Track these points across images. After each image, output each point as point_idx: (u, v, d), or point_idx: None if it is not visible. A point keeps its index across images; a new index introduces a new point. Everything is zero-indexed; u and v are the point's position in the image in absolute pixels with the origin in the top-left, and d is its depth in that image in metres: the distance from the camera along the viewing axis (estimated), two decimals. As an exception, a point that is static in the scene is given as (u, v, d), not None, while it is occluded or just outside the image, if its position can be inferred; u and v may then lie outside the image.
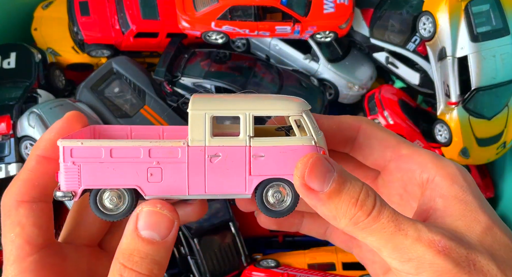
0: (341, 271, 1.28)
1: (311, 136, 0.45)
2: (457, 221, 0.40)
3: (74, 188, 0.44)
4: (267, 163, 0.44)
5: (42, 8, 1.57)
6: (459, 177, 0.42)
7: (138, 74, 1.46)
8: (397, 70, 1.50)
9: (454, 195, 0.41)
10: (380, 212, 0.39)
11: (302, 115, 0.45)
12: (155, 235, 0.41)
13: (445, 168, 0.43)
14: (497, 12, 1.23)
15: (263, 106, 0.45)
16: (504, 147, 1.35)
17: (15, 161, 1.25)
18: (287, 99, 0.46)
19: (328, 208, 0.40)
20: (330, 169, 0.40)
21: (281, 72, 1.47)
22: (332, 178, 0.40)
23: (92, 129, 0.52)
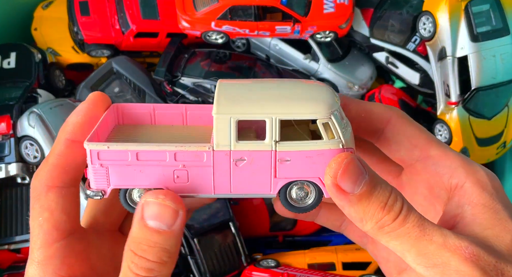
0: (341, 271, 1.28)
1: (339, 139, 0.43)
2: (486, 230, 0.39)
3: (103, 187, 0.45)
4: (293, 167, 0.44)
5: (42, 8, 1.57)
6: (489, 185, 0.41)
7: (138, 74, 1.46)
8: (397, 70, 1.50)
9: (484, 203, 0.40)
10: (406, 217, 0.38)
11: (331, 118, 0.43)
12: (161, 225, 0.41)
13: (475, 174, 0.42)
14: (497, 12, 1.23)
15: (290, 110, 0.43)
16: (504, 147, 1.35)
17: (15, 161, 1.25)
18: (316, 98, 0.44)
19: (356, 210, 0.40)
20: (362, 171, 0.40)
21: (281, 72, 1.47)
22: (364, 180, 0.39)
23: (115, 108, 0.52)
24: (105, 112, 0.49)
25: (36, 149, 1.25)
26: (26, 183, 1.28)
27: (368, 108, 0.47)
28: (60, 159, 0.46)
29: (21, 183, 1.28)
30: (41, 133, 1.24)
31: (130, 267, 0.41)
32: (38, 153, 1.25)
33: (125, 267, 0.41)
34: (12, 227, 1.27)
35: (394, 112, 0.47)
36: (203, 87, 1.43)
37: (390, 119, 0.47)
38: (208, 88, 1.42)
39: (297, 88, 0.46)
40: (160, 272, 0.41)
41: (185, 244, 1.30)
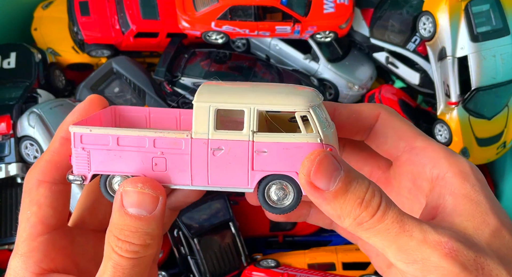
0: (341, 271, 1.28)
1: (317, 133, 0.43)
2: (466, 221, 0.39)
3: (84, 172, 0.46)
4: (270, 159, 0.44)
5: (42, 8, 1.57)
6: (471, 176, 0.41)
7: (138, 74, 1.46)
8: (397, 70, 1.50)
9: (465, 194, 0.40)
10: (385, 212, 0.38)
11: (309, 111, 0.43)
12: (141, 211, 0.41)
13: (457, 165, 0.42)
14: (497, 12, 1.23)
15: (269, 101, 0.43)
16: (504, 147, 1.35)
17: (15, 161, 1.25)
18: (296, 93, 0.44)
19: (333, 207, 0.39)
20: (337, 167, 0.39)
21: (281, 72, 1.47)
22: (339, 177, 0.39)
23: (112, 109, 0.53)
24: (100, 110, 0.50)
25: (36, 149, 1.25)
26: (26, 183, 1.28)
27: (357, 109, 0.48)
28: (54, 156, 0.47)
29: (21, 183, 1.28)
30: (41, 133, 1.24)
31: (115, 250, 0.42)
32: (38, 153, 1.24)
33: (109, 251, 0.42)
34: (12, 227, 1.27)
35: (383, 109, 0.48)
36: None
37: (379, 115, 0.47)
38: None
39: (281, 86, 0.47)
40: (144, 253, 0.42)
41: (185, 244, 1.30)
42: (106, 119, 0.52)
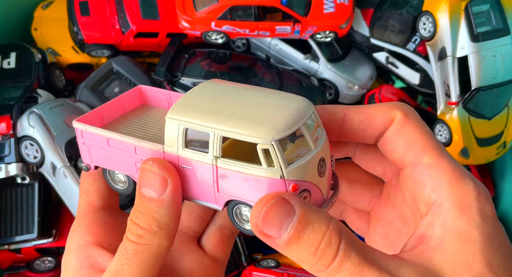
0: (341, 271, 1.28)
1: (279, 168, 0.40)
2: (446, 262, 0.35)
3: (88, 162, 0.51)
4: (232, 185, 0.42)
5: (42, 8, 1.57)
6: (473, 208, 0.37)
7: (138, 74, 1.46)
8: (397, 70, 1.50)
9: (456, 230, 0.36)
10: (341, 263, 0.35)
11: (272, 145, 0.39)
12: (151, 192, 0.42)
13: (460, 194, 0.37)
14: (497, 12, 1.23)
15: (233, 128, 0.41)
16: (504, 147, 1.35)
17: (15, 161, 1.24)
18: (264, 123, 0.41)
19: (287, 254, 0.37)
20: (289, 213, 0.36)
21: (281, 72, 1.47)
22: (291, 224, 0.36)
23: (139, 89, 0.56)
24: (124, 94, 0.55)
25: (36, 149, 1.25)
26: (26, 183, 1.28)
27: (371, 113, 0.43)
28: None
29: (21, 183, 1.28)
30: (41, 133, 1.24)
31: (126, 233, 0.43)
32: (38, 153, 1.24)
33: (125, 234, 0.44)
34: (12, 227, 1.27)
35: (399, 111, 0.43)
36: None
37: (394, 119, 0.43)
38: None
39: (263, 104, 0.43)
40: (150, 241, 0.41)
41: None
42: (133, 98, 0.56)
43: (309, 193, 0.41)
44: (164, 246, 0.42)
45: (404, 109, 0.43)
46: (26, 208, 1.28)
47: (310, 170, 0.41)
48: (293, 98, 0.44)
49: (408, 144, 0.42)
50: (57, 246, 1.35)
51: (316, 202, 0.42)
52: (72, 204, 1.25)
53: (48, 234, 1.30)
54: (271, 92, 0.46)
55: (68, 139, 1.25)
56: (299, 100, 0.44)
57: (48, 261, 1.34)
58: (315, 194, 0.42)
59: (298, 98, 0.44)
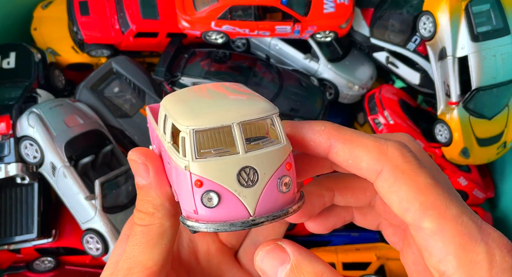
0: (341, 271, 1.28)
1: (188, 159, 0.38)
2: None
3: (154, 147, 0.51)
4: (170, 172, 0.43)
5: (41, 8, 1.57)
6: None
7: (138, 74, 1.46)
8: (397, 70, 1.50)
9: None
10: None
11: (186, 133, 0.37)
12: (140, 179, 0.45)
13: (470, 267, 0.33)
14: (497, 12, 1.23)
15: (174, 115, 0.40)
16: (504, 147, 1.35)
17: (15, 161, 1.24)
18: (195, 112, 0.39)
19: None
20: (283, 261, 0.38)
21: (281, 72, 1.46)
22: (284, 272, 0.38)
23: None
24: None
25: (35, 149, 1.24)
26: (26, 183, 1.28)
27: (356, 154, 0.38)
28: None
29: (20, 183, 1.28)
30: (40, 133, 1.24)
31: (133, 220, 0.46)
32: (38, 153, 1.24)
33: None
34: (12, 227, 1.27)
35: (388, 162, 0.37)
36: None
37: (382, 171, 0.37)
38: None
39: (223, 101, 0.41)
40: (151, 222, 0.45)
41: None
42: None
43: (218, 197, 0.38)
44: (167, 225, 0.45)
45: (396, 158, 0.37)
46: (25, 208, 1.28)
47: (223, 173, 0.38)
48: (258, 101, 0.40)
49: (403, 205, 0.36)
50: (56, 246, 1.35)
51: (231, 212, 0.38)
52: (71, 204, 1.25)
53: (48, 234, 1.30)
54: (246, 94, 0.43)
55: (68, 139, 1.25)
56: (260, 104, 0.40)
57: (48, 261, 1.34)
58: (230, 202, 0.38)
59: (262, 103, 0.40)
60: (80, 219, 1.25)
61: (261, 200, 0.38)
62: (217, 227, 0.38)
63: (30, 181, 1.27)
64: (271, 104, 0.40)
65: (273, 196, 0.38)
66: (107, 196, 1.24)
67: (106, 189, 1.24)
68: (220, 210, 0.38)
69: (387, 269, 1.26)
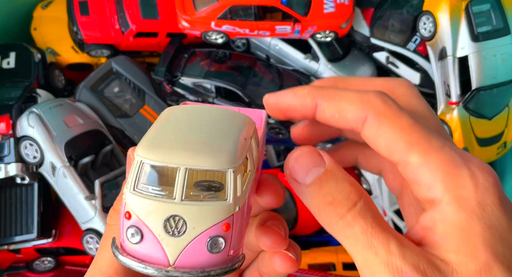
0: (342, 271, 1.28)
1: (127, 189, 0.36)
2: (450, 253, 0.35)
3: None
4: None
5: (41, 7, 1.57)
6: (472, 200, 0.35)
7: (138, 74, 1.46)
8: (398, 70, 1.50)
9: (458, 224, 0.35)
10: (354, 219, 0.36)
11: (136, 161, 0.36)
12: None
13: (456, 188, 0.36)
14: (497, 12, 1.23)
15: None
16: (504, 147, 1.35)
17: (15, 161, 1.24)
18: (171, 146, 0.37)
19: (306, 202, 0.39)
20: (318, 163, 0.38)
21: (281, 72, 1.46)
22: (317, 173, 0.38)
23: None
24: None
25: (35, 149, 1.24)
26: (26, 183, 1.28)
27: (342, 106, 0.40)
28: None
29: (20, 183, 1.28)
30: (40, 133, 1.24)
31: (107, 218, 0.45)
32: (38, 153, 1.24)
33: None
34: (12, 227, 1.27)
35: (372, 107, 0.39)
36: (203, 87, 1.43)
37: (366, 118, 0.40)
38: (208, 88, 1.42)
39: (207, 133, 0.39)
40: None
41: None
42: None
43: (141, 236, 0.36)
44: None
45: (378, 106, 0.39)
46: (25, 208, 1.28)
47: (151, 214, 0.36)
48: (225, 147, 0.38)
49: (389, 146, 0.39)
50: (56, 246, 1.35)
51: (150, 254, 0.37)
52: (71, 204, 1.25)
53: (48, 234, 1.30)
54: (229, 133, 0.40)
55: (68, 139, 1.25)
56: (224, 152, 0.36)
57: (48, 261, 1.34)
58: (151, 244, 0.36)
59: (226, 152, 0.37)
60: (80, 219, 1.25)
61: (185, 253, 0.36)
62: (132, 265, 0.36)
63: (30, 181, 1.27)
64: (235, 155, 0.37)
65: (199, 253, 0.37)
66: (107, 196, 1.24)
67: (106, 189, 1.24)
68: (140, 249, 0.36)
69: (387, 269, 1.26)
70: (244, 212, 0.38)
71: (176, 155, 0.35)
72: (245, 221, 0.38)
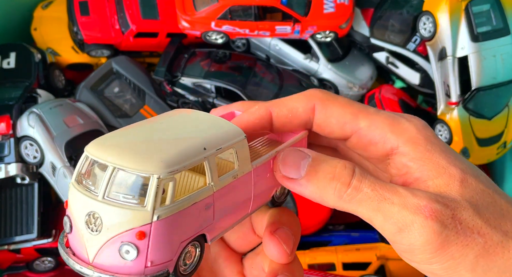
0: (341, 271, 1.28)
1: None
2: (435, 179, 0.40)
3: None
4: None
5: (41, 8, 1.57)
6: (420, 138, 0.42)
7: (138, 74, 1.46)
8: (397, 70, 1.50)
9: (422, 157, 0.41)
10: (360, 181, 0.40)
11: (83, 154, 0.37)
12: None
13: (404, 134, 0.43)
14: (497, 12, 1.23)
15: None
16: (504, 147, 1.35)
17: (15, 161, 1.24)
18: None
19: (311, 191, 0.41)
20: (304, 156, 0.42)
21: (281, 72, 1.46)
22: (307, 163, 0.41)
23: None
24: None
25: (35, 149, 1.24)
26: (26, 183, 1.28)
27: (292, 106, 0.46)
28: None
29: (20, 183, 1.28)
30: (40, 133, 1.24)
31: None
32: (38, 153, 1.24)
33: None
34: (12, 227, 1.27)
35: (316, 97, 0.46)
36: (203, 87, 1.43)
37: (315, 106, 0.46)
38: (208, 88, 1.42)
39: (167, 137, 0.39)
40: None
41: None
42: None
43: (70, 228, 0.37)
44: None
45: (319, 95, 0.46)
46: (25, 208, 1.28)
47: (77, 208, 0.36)
48: (163, 153, 0.36)
49: (340, 121, 0.45)
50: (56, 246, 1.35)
51: (76, 247, 0.37)
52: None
53: (48, 234, 1.30)
54: (180, 138, 0.40)
55: (68, 139, 1.25)
56: (156, 157, 0.35)
57: (48, 261, 1.34)
58: (76, 237, 0.36)
59: (159, 157, 0.35)
60: (80, 219, 1.25)
61: (101, 253, 0.36)
62: (63, 253, 0.36)
63: (30, 181, 1.27)
64: (169, 162, 0.35)
65: (114, 256, 0.35)
66: (107, 196, 1.24)
67: (106, 189, 1.24)
68: (70, 239, 0.37)
69: (387, 269, 1.26)
70: (176, 224, 0.35)
71: (110, 153, 0.35)
72: (182, 234, 0.36)
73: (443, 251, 0.37)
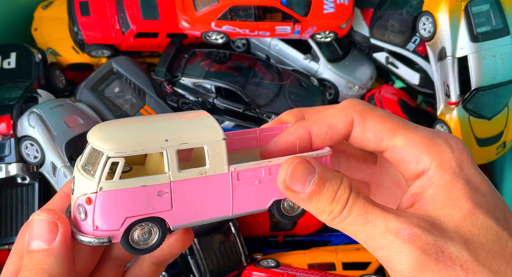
0: (341, 271, 1.28)
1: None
2: (438, 209, 0.41)
3: None
4: None
5: (42, 8, 1.57)
6: (452, 163, 0.42)
7: (138, 74, 1.46)
8: (397, 70, 1.50)
9: (443, 185, 0.42)
10: (352, 207, 0.41)
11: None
12: (40, 243, 0.41)
13: (439, 157, 0.43)
14: (497, 12, 1.23)
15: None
16: (504, 147, 1.35)
17: (15, 161, 1.25)
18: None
19: (309, 207, 0.43)
20: (311, 171, 0.43)
21: (281, 72, 1.47)
22: (313, 180, 0.42)
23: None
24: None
25: (36, 149, 1.25)
26: (26, 183, 1.28)
27: (331, 122, 0.47)
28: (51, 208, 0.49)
29: (21, 183, 1.28)
30: (41, 133, 1.24)
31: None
32: (38, 153, 1.25)
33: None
34: (12, 227, 1.27)
35: (354, 110, 0.46)
36: (203, 87, 1.43)
37: (352, 120, 0.46)
38: (208, 88, 1.42)
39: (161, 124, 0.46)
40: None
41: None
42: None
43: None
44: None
45: (357, 108, 0.46)
46: (26, 208, 1.28)
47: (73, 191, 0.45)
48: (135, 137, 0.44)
49: (377, 136, 0.45)
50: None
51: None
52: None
53: (48, 234, 1.30)
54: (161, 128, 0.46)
55: (68, 139, 1.25)
56: (122, 140, 0.43)
57: (48, 261, 1.34)
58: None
59: (121, 141, 0.43)
60: (80, 219, 1.25)
61: (73, 210, 0.44)
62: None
63: (30, 181, 1.28)
64: (124, 145, 0.42)
65: (75, 214, 0.43)
66: (107, 196, 1.24)
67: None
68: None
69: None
70: (120, 199, 0.41)
71: (94, 133, 0.44)
72: (128, 210, 0.42)
73: (419, 273, 0.38)
